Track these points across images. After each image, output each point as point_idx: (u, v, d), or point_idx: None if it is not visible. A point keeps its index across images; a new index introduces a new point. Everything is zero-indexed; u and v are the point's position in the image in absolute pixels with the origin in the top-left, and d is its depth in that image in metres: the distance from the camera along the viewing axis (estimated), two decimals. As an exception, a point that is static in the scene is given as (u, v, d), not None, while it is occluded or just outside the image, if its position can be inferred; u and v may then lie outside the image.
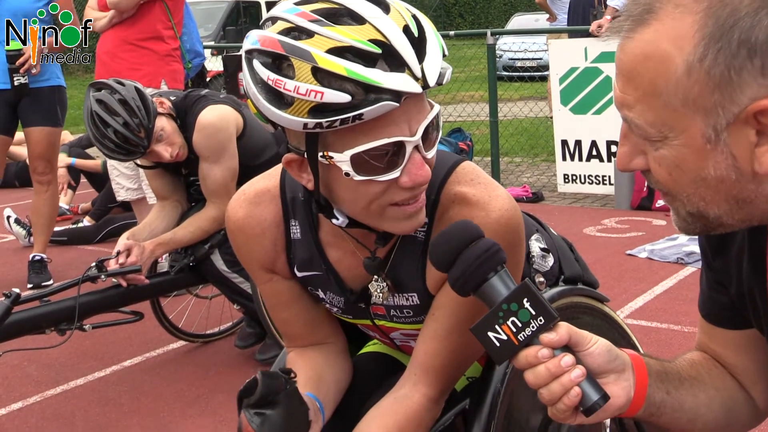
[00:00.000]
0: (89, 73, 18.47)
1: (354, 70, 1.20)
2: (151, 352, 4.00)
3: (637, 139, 1.14)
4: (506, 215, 1.42)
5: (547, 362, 1.16)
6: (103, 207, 6.58)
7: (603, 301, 1.83)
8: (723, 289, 1.34)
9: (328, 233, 1.52)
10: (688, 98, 1.05)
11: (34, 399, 3.53)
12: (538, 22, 15.45)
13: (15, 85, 4.81)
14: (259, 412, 1.38)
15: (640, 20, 1.08)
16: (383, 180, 1.29)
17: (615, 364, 1.22)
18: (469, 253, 1.21)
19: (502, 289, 1.20)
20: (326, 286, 1.58)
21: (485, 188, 1.44)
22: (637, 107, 1.10)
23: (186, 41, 5.12)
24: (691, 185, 1.11)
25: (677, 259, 4.92)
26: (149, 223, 3.48)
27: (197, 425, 3.20)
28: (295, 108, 1.23)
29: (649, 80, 1.07)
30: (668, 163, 1.11)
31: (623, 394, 1.22)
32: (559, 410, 1.18)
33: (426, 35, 1.28)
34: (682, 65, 1.04)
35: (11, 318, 2.94)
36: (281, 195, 1.54)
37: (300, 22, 1.24)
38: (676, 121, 1.07)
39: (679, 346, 3.65)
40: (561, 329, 1.18)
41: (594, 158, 6.99)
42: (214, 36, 14.69)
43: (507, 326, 1.17)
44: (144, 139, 3.18)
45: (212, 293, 4.09)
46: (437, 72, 1.26)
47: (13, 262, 5.75)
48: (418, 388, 1.50)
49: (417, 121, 1.28)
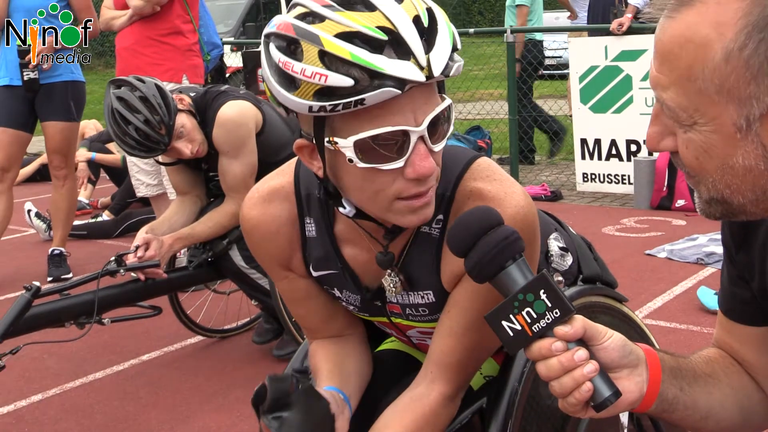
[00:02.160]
0: (110, 68, 18.59)
1: (358, 54, 1.21)
2: (169, 347, 4.02)
3: (667, 120, 1.12)
4: (521, 212, 1.41)
5: (560, 355, 1.16)
6: (122, 202, 6.63)
7: (622, 300, 1.82)
8: (745, 284, 1.33)
9: (343, 230, 1.52)
10: (724, 86, 1.04)
11: (53, 391, 3.56)
12: (558, 20, 15.37)
13: (25, 81, 4.85)
14: (276, 416, 1.39)
15: (685, 1, 1.06)
16: (387, 169, 1.28)
17: (629, 359, 1.22)
18: (488, 240, 1.20)
19: (519, 279, 1.19)
20: (342, 285, 1.58)
21: (501, 184, 1.43)
22: (671, 89, 1.08)
23: (203, 33, 5.15)
24: (717, 171, 1.10)
25: (697, 259, 4.89)
26: (168, 218, 3.50)
27: (214, 420, 3.21)
28: (301, 90, 1.24)
29: (686, 63, 1.05)
30: (696, 147, 1.10)
31: (636, 390, 1.22)
32: (569, 404, 1.17)
33: (437, 26, 1.27)
34: (721, 52, 1.03)
35: (31, 311, 2.97)
36: (296, 192, 1.54)
37: (314, 7, 1.26)
38: (709, 107, 1.06)
39: (698, 347, 3.60)
40: (576, 322, 1.17)
41: (613, 157, 6.96)
42: (234, 32, 14.72)
43: (522, 316, 1.17)
44: (165, 136, 3.19)
45: (230, 289, 4.11)
46: (444, 63, 1.26)
47: (34, 256, 5.79)
48: (434, 386, 1.50)
49: (423, 112, 1.28)
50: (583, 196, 7.06)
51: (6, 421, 3.30)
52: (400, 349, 1.83)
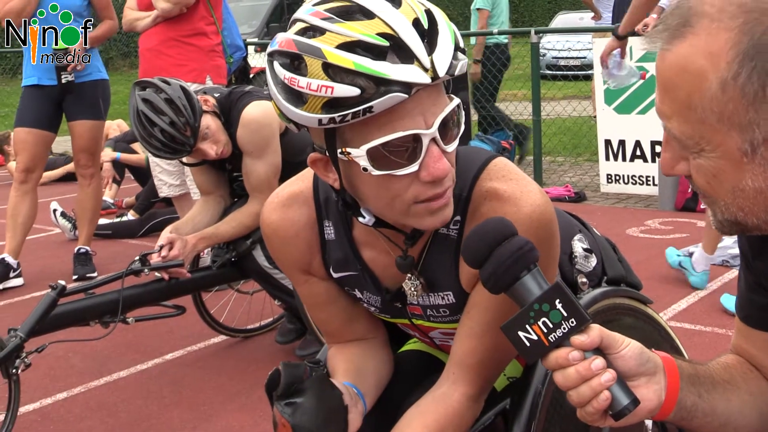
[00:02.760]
0: (134, 69, 18.70)
1: (362, 63, 1.21)
2: (192, 346, 4.04)
3: (677, 146, 1.14)
4: (538, 210, 1.41)
5: (577, 365, 1.16)
6: (147, 201, 6.67)
7: (646, 302, 1.81)
8: (762, 290, 1.33)
9: (362, 233, 1.52)
10: (723, 114, 1.05)
11: (78, 389, 3.59)
12: (582, 21, 15.32)
13: (62, 83, 4.89)
14: (289, 402, 1.39)
15: (677, 33, 1.08)
16: (401, 174, 1.29)
17: (646, 367, 1.21)
18: (502, 251, 1.21)
19: (534, 289, 1.19)
20: (362, 286, 1.59)
21: (517, 184, 1.43)
22: (674, 119, 1.10)
23: (226, 36, 5.16)
24: (728, 194, 1.11)
25: (722, 261, 4.84)
26: (192, 217, 3.51)
27: (237, 419, 3.22)
28: (309, 105, 1.25)
29: (685, 94, 1.07)
30: (706, 172, 1.11)
31: (654, 398, 1.21)
32: (587, 413, 1.17)
33: (438, 28, 1.28)
34: (716, 82, 1.04)
35: (57, 310, 2.99)
36: (314, 196, 1.55)
37: (313, 21, 1.26)
38: (712, 135, 1.07)
39: (723, 350, 3.57)
40: (593, 331, 1.17)
41: (638, 158, 6.91)
42: (258, 33, 14.77)
43: (538, 326, 1.17)
44: (190, 138, 3.20)
45: (253, 288, 4.12)
46: (447, 63, 1.26)
47: (59, 255, 5.84)
48: (456, 387, 1.50)
49: (433, 114, 1.28)
50: (607, 197, 7.02)
51: (32, 418, 3.33)
52: (423, 350, 1.82)
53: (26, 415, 3.34)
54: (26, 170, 5.04)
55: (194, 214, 3.54)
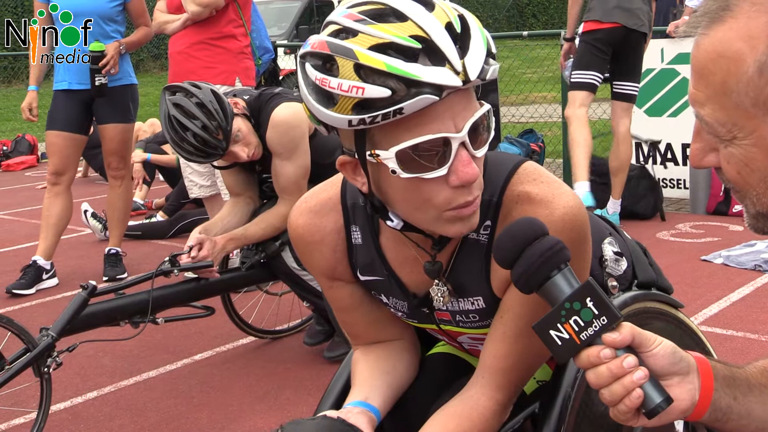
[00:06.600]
0: (165, 71, 18.84)
1: (394, 65, 1.21)
2: (221, 347, 4.06)
3: (708, 136, 1.12)
4: (571, 212, 1.40)
5: (609, 363, 1.15)
6: (177, 203, 6.71)
7: (677, 306, 1.79)
8: None
9: (389, 238, 1.52)
10: (759, 99, 1.03)
11: (108, 389, 3.62)
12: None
13: (96, 86, 4.94)
14: None
15: (716, 17, 1.06)
16: (430, 178, 1.28)
17: (679, 367, 1.20)
18: (533, 251, 1.21)
19: (565, 288, 1.19)
20: (389, 291, 1.59)
21: (549, 186, 1.42)
22: (708, 105, 1.08)
23: (255, 38, 5.19)
24: (760, 184, 1.09)
25: (755, 266, 4.79)
26: (222, 218, 3.53)
27: (265, 420, 3.23)
28: (340, 105, 1.25)
29: (720, 79, 1.06)
30: (737, 161, 1.09)
31: (687, 397, 1.20)
32: (620, 411, 1.16)
33: (470, 32, 1.28)
34: (754, 65, 1.02)
35: (87, 309, 3.02)
36: (342, 202, 1.55)
37: (346, 23, 1.27)
38: (746, 121, 1.06)
39: (756, 355, 3.56)
40: (624, 329, 1.17)
41: (669, 161, 6.85)
42: (288, 35, 14.83)
43: (569, 325, 1.17)
44: (222, 141, 3.21)
45: (282, 290, 4.13)
46: (479, 67, 1.25)
47: (90, 255, 5.90)
48: (485, 392, 1.49)
49: (463, 118, 1.28)
50: (638, 200, 6.95)
51: (62, 416, 3.36)
52: (452, 353, 1.82)
53: (57, 413, 3.37)
54: (57, 173, 5.09)
55: (223, 215, 3.56)
